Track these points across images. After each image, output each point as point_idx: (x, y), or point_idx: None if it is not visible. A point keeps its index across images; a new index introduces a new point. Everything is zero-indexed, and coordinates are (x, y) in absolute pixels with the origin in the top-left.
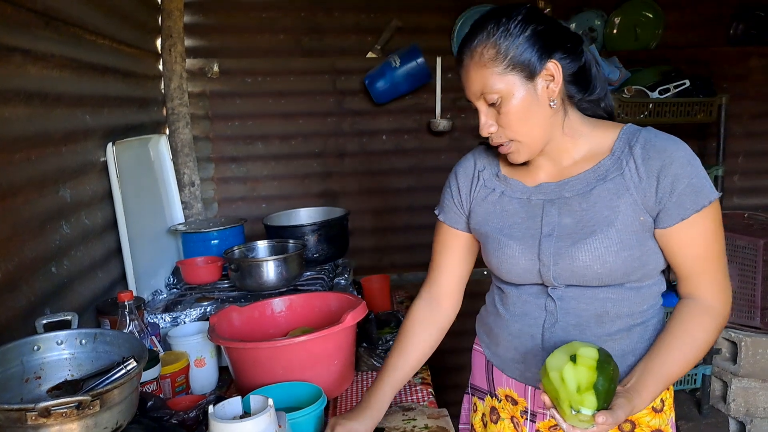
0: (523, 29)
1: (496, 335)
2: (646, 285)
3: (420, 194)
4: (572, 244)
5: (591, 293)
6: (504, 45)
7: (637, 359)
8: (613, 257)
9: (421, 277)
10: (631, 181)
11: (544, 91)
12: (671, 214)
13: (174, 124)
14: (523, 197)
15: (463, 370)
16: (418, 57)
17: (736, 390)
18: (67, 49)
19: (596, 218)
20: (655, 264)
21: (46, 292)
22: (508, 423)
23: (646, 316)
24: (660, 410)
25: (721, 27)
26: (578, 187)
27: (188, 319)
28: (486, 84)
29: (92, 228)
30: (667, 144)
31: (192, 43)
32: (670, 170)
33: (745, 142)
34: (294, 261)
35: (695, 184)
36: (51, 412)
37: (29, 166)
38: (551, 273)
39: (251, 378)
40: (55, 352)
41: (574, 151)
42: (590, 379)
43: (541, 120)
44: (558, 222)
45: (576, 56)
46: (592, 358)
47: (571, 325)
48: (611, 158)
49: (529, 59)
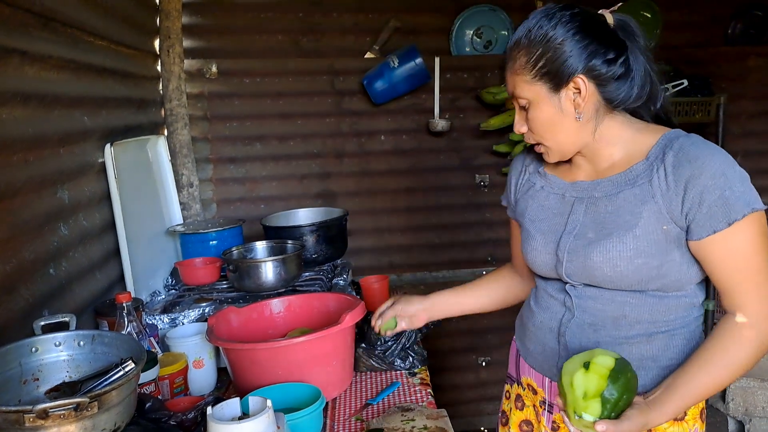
0: (559, 37)
1: (525, 325)
2: (672, 295)
3: (419, 195)
4: (588, 244)
5: (609, 295)
6: (535, 54)
7: (659, 366)
8: (626, 263)
9: (420, 277)
10: (658, 189)
11: (570, 104)
12: (703, 225)
13: (172, 125)
14: (559, 193)
15: (463, 371)
16: (416, 57)
17: (734, 389)
18: (65, 50)
19: (617, 222)
20: (680, 276)
21: (44, 294)
22: (531, 410)
23: (672, 326)
24: (680, 419)
25: (719, 27)
26: (608, 189)
27: (187, 320)
28: (516, 89)
29: (90, 229)
30: (700, 152)
31: (190, 44)
32: (699, 181)
33: (744, 141)
34: (293, 262)
35: (728, 197)
36: (49, 414)
37: (27, 168)
38: (564, 269)
39: (250, 379)
40: (54, 353)
41: (611, 153)
42: (599, 387)
43: (566, 130)
44: (582, 221)
45: (617, 66)
46: (606, 367)
47: (587, 323)
48: (645, 163)
49: (556, 71)
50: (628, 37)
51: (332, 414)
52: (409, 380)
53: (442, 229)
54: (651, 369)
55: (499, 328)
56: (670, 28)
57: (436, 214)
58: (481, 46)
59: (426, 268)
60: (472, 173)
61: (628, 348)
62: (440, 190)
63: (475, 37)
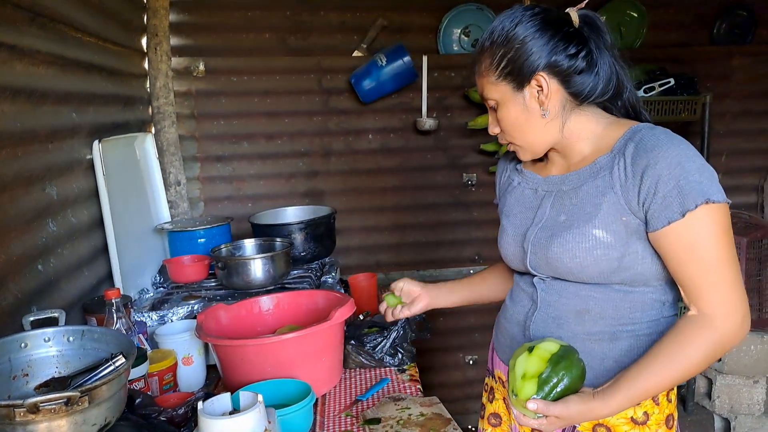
0: (520, 37)
1: (499, 319)
2: (638, 291)
3: (406, 193)
4: (550, 236)
5: (574, 289)
6: (498, 54)
7: (620, 367)
8: (584, 254)
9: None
10: (617, 180)
11: (534, 102)
12: (658, 216)
13: (159, 123)
14: (534, 188)
15: (450, 369)
16: (404, 56)
17: (720, 387)
18: (53, 46)
19: (578, 214)
20: (643, 269)
21: (32, 290)
22: (501, 403)
23: (638, 325)
24: (642, 423)
25: (704, 26)
26: (574, 182)
27: (175, 317)
28: (484, 90)
29: (79, 226)
30: (658, 142)
31: (177, 42)
32: (654, 170)
33: (728, 140)
34: (281, 259)
35: (682, 186)
36: (40, 408)
37: (16, 163)
38: (529, 261)
39: (239, 376)
40: (43, 349)
41: (581, 148)
42: (538, 369)
43: (534, 128)
44: (548, 214)
45: (580, 59)
46: (549, 351)
47: (551, 317)
48: (609, 156)
49: (517, 70)
50: (593, 32)
51: (322, 410)
52: (398, 376)
53: (430, 228)
54: (613, 369)
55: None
56: (656, 27)
57: (423, 213)
58: (469, 45)
59: (413, 266)
60: (459, 172)
61: (590, 345)
62: (427, 188)
63: (462, 35)
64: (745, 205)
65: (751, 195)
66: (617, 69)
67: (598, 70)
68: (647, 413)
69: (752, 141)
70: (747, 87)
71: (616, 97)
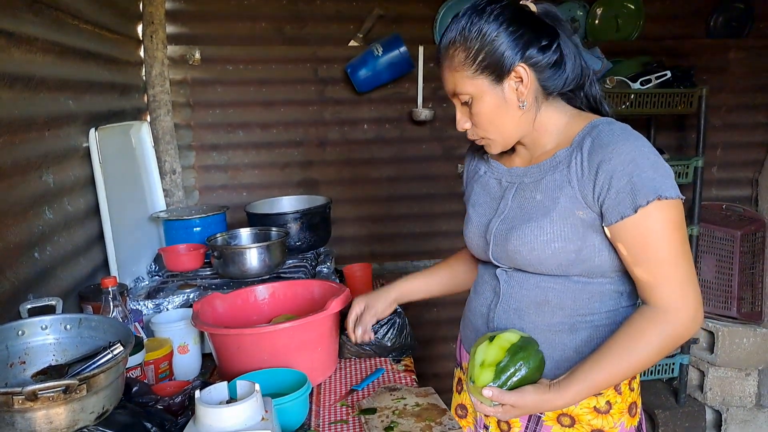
0: (496, 30)
1: (465, 312)
2: (596, 282)
3: (401, 184)
4: (509, 228)
5: (534, 280)
6: (474, 48)
7: (580, 357)
8: (542, 246)
9: (401, 266)
10: (574, 174)
11: (513, 93)
12: (612, 211)
13: (155, 112)
14: (498, 178)
15: (441, 360)
16: (400, 46)
17: (712, 379)
18: (50, 33)
19: (536, 206)
20: (601, 261)
21: (28, 278)
22: (467, 395)
23: (597, 316)
24: (604, 412)
25: (701, 19)
26: (535, 175)
27: (171, 306)
28: (457, 86)
29: (75, 214)
30: (613, 138)
31: (173, 30)
32: (608, 165)
33: (724, 134)
34: (277, 248)
35: (635, 182)
36: (38, 396)
37: (13, 150)
38: (491, 253)
39: (235, 364)
40: (40, 337)
41: (546, 141)
42: (497, 358)
43: (511, 120)
44: (510, 205)
45: (551, 52)
46: (508, 341)
47: (512, 309)
48: (568, 150)
49: (496, 63)
50: (554, 23)
51: (318, 399)
52: (393, 367)
53: (424, 219)
54: (572, 360)
55: None
56: (653, 19)
57: (418, 204)
58: None
59: (407, 257)
60: (454, 163)
61: (551, 336)
62: (422, 179)
63: None
64: (740, 198)
65: (745, 188)
66: (581, 59)
67: (566, 61)
68: (610, 402)
69: (747, 134)
70: (743, 80)
71: (580, 89)
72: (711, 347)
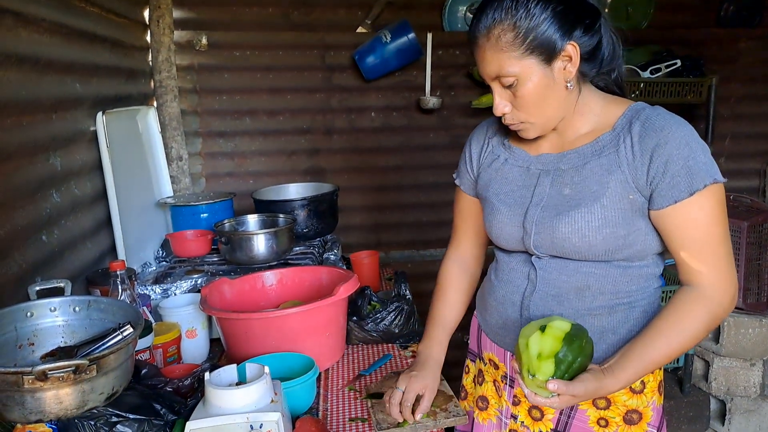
0: (544, 9)
1: (486, 301)
2: (636, 265)
3: (408, 173)
4: (555, 216)
5: (574, 266)
6: (523, 28)
7: (618, 339)
8: (594, 233)
9: (408, 255)
10: (624, 158)
11: (561, 73)
12: (664, 195)
13: (162, 97)
14: (524, 166)
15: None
16: (409, 32)
17: (717, 369)
18: (57, 14)
19: (584, 192)
20: (645, 245)
21: (36, 261)
22: (490, 386)
23: (633, 297)
24: (639, 392)
25: (711, 8)
26: (574, 161)
27: (179, 291)
28: (502, 67)
29: (82, 198)
30: (666, 123)
31: (180, 15)
32: (664, 150)
33: (732, 124)
34: (284, 235)
35: (691, 166)
36: (48, 376)
37: (21, 132)
38: (532, 241)
39: (244, 349)
40: (49, 318)
41: (580, 125)
42: (554, 348)
43: (556, 101)
44: (548, 192)
45: (594, 32)
46: (562, 330)
47: (551, 295)
48: (611, 134)
49: (548, 43)
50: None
51: (325, 384)
52: (400, 353)
53: (431, 208)
54: (611, 341)
55: None
56: (664, 8)
57: (424, 193)
58: None
59: (414, 246)
60: (462, 151)
61: (590, 320)
62: (429, 168)
63: (468, 13)
64: (747, 189)
65: (753, 179)
66: (614, 41)
67: (604, 42)
68: (644, 382)
69: (756, 125)
70: (752, 70)
71: (611, 72)
72: (716, 337)
